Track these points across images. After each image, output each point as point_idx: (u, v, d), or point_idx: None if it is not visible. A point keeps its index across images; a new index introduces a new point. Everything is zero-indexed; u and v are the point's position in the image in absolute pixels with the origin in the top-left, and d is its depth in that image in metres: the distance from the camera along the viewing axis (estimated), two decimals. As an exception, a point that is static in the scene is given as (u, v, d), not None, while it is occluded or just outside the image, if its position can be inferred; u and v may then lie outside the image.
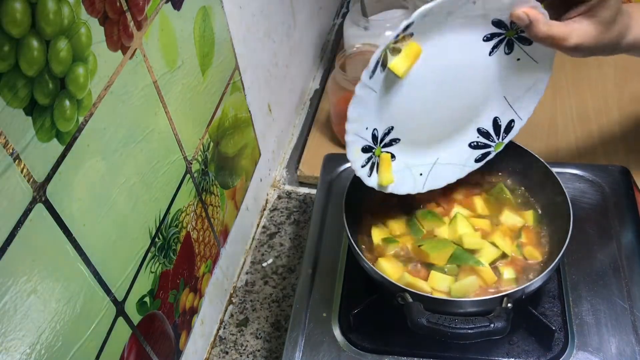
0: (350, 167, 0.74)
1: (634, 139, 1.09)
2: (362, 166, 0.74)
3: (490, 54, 0.73)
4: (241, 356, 0.90)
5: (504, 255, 0.76)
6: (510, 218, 0.80)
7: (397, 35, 0.66)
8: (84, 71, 0.53)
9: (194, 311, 0.82)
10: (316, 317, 0.78)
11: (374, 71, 0.66)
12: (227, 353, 0.90)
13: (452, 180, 0.82)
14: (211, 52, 0.78)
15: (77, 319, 0.55)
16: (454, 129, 0.80)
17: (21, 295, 0.48)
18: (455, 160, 0.82)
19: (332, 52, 1.39)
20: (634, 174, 0.91)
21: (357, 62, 1.12)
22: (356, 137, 0.71)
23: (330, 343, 0.75)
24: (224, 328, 0.93)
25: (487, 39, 0.71)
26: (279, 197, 1.11)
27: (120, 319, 0.63)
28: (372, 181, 0.76)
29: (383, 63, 0.67)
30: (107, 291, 0.60)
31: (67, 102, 0.51)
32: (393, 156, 0.77)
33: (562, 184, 0.76)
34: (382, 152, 0.76)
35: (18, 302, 0.48)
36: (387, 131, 0.75)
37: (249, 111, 0.95)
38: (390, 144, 0.77)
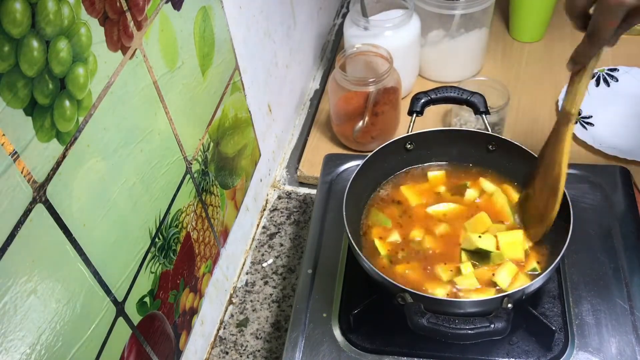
0: (350, 167, 0.74)
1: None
2: None
3: None
4: (241, 356, 0.90)
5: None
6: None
7: None
8: (84, 71, 0.53)
9: (194, 311, 0.82)
10: (316, 317, 0.78)
11: None
12: (227, 353, 0.90)
13: None
14: (211, 52, 0.78)
15: (77, 319, 0.55)
16: None
17: (21, 296, 0.48)
18: None
19: (332, 52, 1.39)
20: (633, 174, 0.92)
21: (357, 62, 1.11)
22: None
23: (330, 343, 0.75)
24: (224, 328, 0.93)
25: None
26: (279, 197, 1.11)
27: (120, 319, 0.63)
28: None
29: None
30: (107, 291, 0.60)
31: (67, 103, 0.51)
32: None
33: (562, 184, 0.76)
34: None
35: (18, 303, 0.48)
36: None
37: (249, 111, 0.95)
38: None
